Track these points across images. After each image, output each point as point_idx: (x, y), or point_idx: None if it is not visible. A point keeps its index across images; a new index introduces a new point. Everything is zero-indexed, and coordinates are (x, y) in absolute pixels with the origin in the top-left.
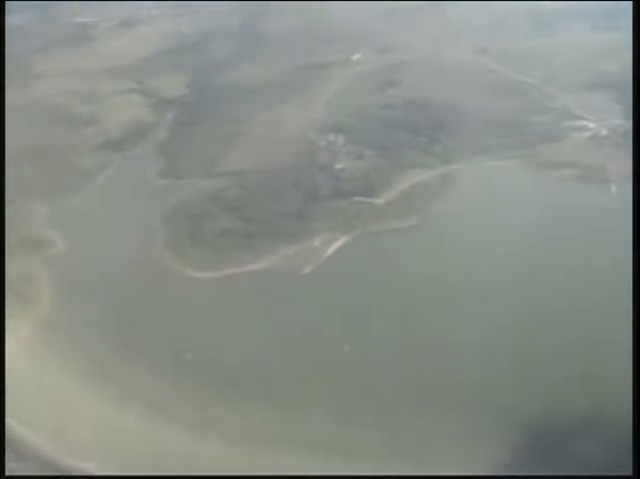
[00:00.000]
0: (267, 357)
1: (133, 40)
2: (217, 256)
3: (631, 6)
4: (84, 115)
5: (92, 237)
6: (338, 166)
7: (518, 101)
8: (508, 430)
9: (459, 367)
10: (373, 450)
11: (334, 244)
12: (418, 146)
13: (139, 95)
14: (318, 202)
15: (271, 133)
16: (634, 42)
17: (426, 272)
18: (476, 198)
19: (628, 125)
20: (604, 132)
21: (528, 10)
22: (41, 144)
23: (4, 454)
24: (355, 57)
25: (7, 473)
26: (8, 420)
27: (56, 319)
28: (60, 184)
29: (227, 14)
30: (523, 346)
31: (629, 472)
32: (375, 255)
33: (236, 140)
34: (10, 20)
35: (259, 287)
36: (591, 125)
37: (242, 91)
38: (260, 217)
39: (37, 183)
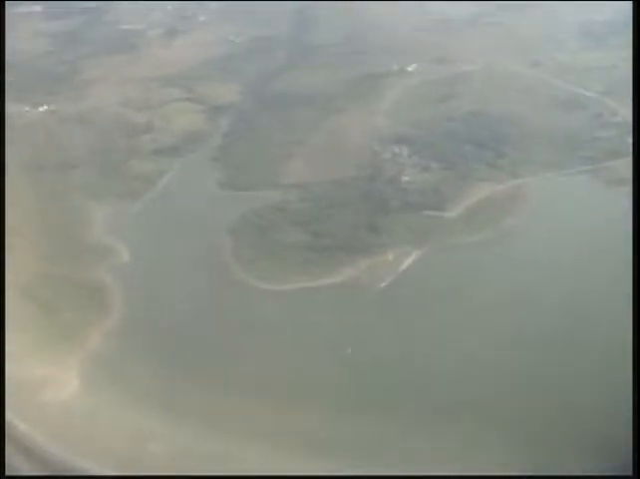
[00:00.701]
0: (360, 375)
1: (181, 47)
2: (290, 270)
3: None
4: (139, 123)
5: (157, 246)
6: (405, 178)
7: (580, 114)
8: None
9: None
10: None
11: (408, 259)
12: (484, 159)
13: (192, 102)
14: (388, 215)
15: (332, 143)
16: (634, 42)
17: (500, 287)
18: (547, 213)
19: None
20: None
21: (578, 22)
22: (99, 152)
23: (4, 454)
24: (410, 68)
25: None
26: None
27: (127, 332)
28: (121, 191)
29: (276, 22)
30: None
31: None
32: (450, 270)
33: (296, 149)
34: (57, 26)
35: (336, 302)
36: None
37: (297, 99)
38: (330, 229)
39: (100, 190)
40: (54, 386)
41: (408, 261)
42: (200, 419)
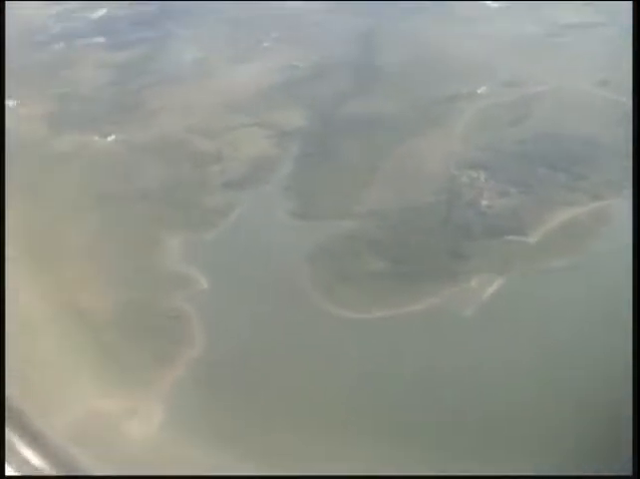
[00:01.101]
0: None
1: (245, 74)
2: (371, 298)
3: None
4: (207, 151)
5: (234, 276)
6: (484, 202)
7: None
8: None
9: None
10: None
11: (492, 286)
12: (561, 181)
13: (259, 129)
14: (469, 240)
15: (407, 168)
16: (634, 42)
17: (590, 315)
18: (631, 235)
19: None
20: None
21: None
22: (169, 181)
23: (4, 454)
24: (480, 90)
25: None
26: None
27: (207, 364)
28: (194, 222)
29: (338, 46)
30: None
31: None
32: (537, 297)
33: (371, 175)
34: (119, 57)
35: (420, 329)
36: None
37: (367, 124)
38: (409, 257)
39: (173, 220)
40: (132, 421)
41: (492, 289)
42: (283, 460)
